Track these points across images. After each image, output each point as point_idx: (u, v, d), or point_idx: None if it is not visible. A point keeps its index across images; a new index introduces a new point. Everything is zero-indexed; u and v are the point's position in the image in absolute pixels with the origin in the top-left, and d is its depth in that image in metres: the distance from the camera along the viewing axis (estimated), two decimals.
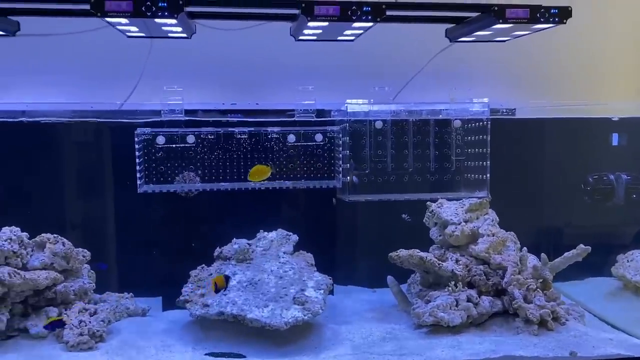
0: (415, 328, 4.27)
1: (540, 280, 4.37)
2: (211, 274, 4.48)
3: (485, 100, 3.64)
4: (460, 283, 4.32)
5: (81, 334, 3.87)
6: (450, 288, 4.29)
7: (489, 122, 3.62)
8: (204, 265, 4.56)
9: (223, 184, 3.83)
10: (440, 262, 4.46)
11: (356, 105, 3.50)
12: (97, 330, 3.96)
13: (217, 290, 3.91)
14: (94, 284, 4.28)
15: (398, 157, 3.85)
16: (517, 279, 4.27)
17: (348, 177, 3.57)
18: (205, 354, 3.93)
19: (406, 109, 3.62)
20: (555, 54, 4.54)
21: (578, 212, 5.33)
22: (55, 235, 4.20)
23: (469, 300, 4.24)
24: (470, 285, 4.39)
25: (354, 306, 4.84)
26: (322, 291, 4.23)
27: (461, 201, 4.68)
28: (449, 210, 4.66)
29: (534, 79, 4.81)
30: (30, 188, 4.52)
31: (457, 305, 4.21)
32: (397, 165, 3.87)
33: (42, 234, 4.18)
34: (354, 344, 4.04)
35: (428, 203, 4.76)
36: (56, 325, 3.88)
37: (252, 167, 3.77)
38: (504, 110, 4.37)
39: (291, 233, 4.80)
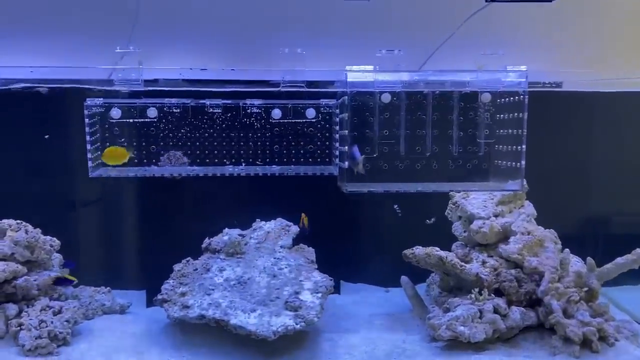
0: (430, 340, 3.61)
1: (585, 289, 3.62)
2: (196, 269, 3.92)
3: (523, 68, 2.88)
4: (486, 290, 3.61)
5: (40, 337, 3.37)
6: (473, 296, 3.60)
7: (526, 97, 2.87)
8: (189, 258, 3.99)
9: (192, 168, 3.20)
10: (463, 263, 3.76)
11: (358, 74, 2.80)
12: (60, 333, 3.46)
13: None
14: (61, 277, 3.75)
15: (412, 139, 3.13)
16: (556, 287, 3.54)
17: (346, 163, 2.88)
18: None
19: (422, 78, 2.89)
20: (609, 18, 3.68)
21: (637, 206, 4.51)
22: (19, 221, 3.69)
23: (495, 311, 3.54)
24: (499, 292, 3.68)
25: (361, 309, 4.20)
26: (319, 295, 3.61)
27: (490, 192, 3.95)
28: (476, 202, 3.94)
29: (581, 47, 3.97)
30: None
31: (480, 317, 3.51)
32: (410, 149, 3.15)
33: (3, 220, 3.68)
34: None
35: (451, 193, 4.06)
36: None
37: (228, 147, 3.12)
38: (547, 83, 3.60)
39: (291, 224, 4.18)
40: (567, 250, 3.80)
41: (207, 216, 4.32)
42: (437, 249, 3.83)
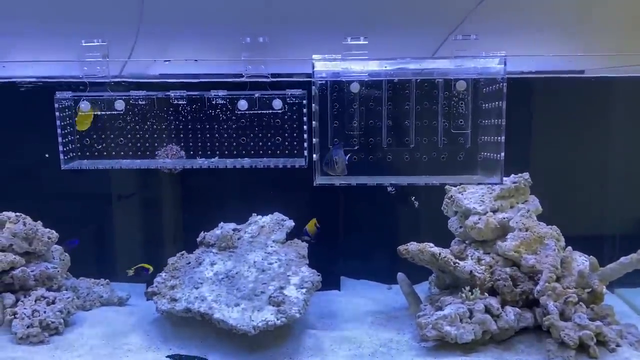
0: (420, 340, 3.47)
1: (588, 290, 3.38)
2: (189, 263, 3.94)
3: (502, 53, 2.69)
4: (478, 288, 3.44)
5: (32, 326, 3.48)
6: (464, 294, 3.43)
7: (505, 84, 2.67)
8: (184, 252, 4.01)
9: (163, 160, 3.19)
10: (457, 260, 3.60)
11: (326, 63, 2.69)
12: (52, 322, 3.56)
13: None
14: (58, 269, 3.86)
15: (395, 130, 2.99)
16: (554, 287, 3.32)
17: (314, 155, 2.78)
18: (167, 357, 3.40)
19: (393, 67, 2.75)
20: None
21: None
22: (19, 213, 3.82)
23: (487, 310, 3.36)
24: (494, 291, 3.50)
25: (357, 305, 4.10)
26: (304, 290, 3.54)
27: (490, 185, 3.75)
28: (473, 196, 3.76)
29: (597, 35, 3.69)
30: None
31: (470, 317, 3.34)
32: (395, 141, 3.01)
33: (3, 212, 3.82)
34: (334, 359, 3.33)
35: (447, 187, 3.89)
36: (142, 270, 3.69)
37: (193, 139, 3.08)
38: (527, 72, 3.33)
39: (287, 218, 4.13)
40: (569, 248, 3.56)
41: (213, 209, 4.34)
42: (432, 245, 3.68)
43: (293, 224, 4.09)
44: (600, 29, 3.62)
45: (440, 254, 3.59)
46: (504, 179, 3.42)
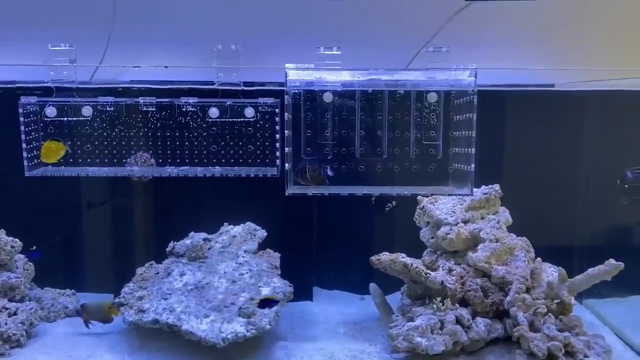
0: (392, 352, 3.45)
1: (557, 301, 3.41)
2: (158, 273, 3.86)
3: (473, 66, 2.72)
4: (449, 299, 3.44)
5: None
6: (435, 305, 3.43)
7: (475, 96, 2.70)
8: (152, 262, 3.93)
9: (131, 169, 3.13)
10: (428, 271, 3.60)
11: (299, 72, 2.67)
12: (14, 334, 3.44)
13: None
14: (22, 279, 3.73)
15: (368, 140, 2.99)
16: (523, 298, 3.34)
17: (287, 164, 2.76)
18: None
19: (366, 78, 2.75)
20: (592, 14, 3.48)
21: (625, 213, 4.24)
22: None
23: (458, 321, 3.37)
24: (465, 302, 3.51)
25: (329, 316, 4.07)
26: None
27: (462, 196, 3.78)
28: (445, 207, 3.77)
29: (569, 46, 3.76)
30: None
31: (441, 328, 3.34)
32: (368, 151, 3.00)
33: None
34: None
35: (419, 198, 3.90)
36: (269, 303, 3.42)
37: (162, 147, 3.04)
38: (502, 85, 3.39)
39: (259, 228, 4.08)
40: (539, 259, 3.60)
41: (184, 219, 4.27)
42: (404, 255, 3.68)
43: (265, 234, 4.05)
44: (570, 44, 3.70)
45: (412, 264, 3.59)
46: (475, 190, 3.45)
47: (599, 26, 3.49)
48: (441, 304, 3.42)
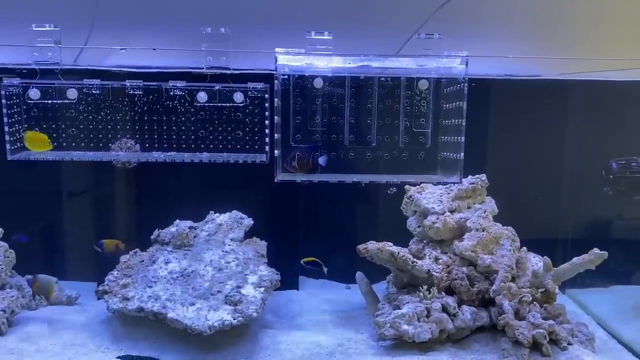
0: (378, 339, 3.46)
1: (542, 290, 3.45)
2: (142, 261, 3.82)
3: (464, 53, 2.72)
4: (436, 288, 3.46)
5: None
6: (422, 293, 3.45)
7: (466, 85, 2.70)
8: (137, 249, 3.89)
9: (117, 153, 3.07)
10: (415, 259, 3.61)
11: (289, 57, 2.64)
12: None
13: None
14: (3, 266, 3.67)
15: (358, 128, 2.97)
16: (509, 287, 3.37)
17: (276, 151, 2.73)
18: (117, 357, 3.27)
19: (356, 64, 2.73)
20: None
21: (608, 204, 4.29)
22: None
23: (444, 309, 3.39)
24: (451, 290, 3.52)
25: (316, 305, 4.07)
26: (262, 289, 3.48)
27: (448, 186, 3.79)
28: (431, 196, 3.78)
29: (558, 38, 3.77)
30: None
31: (427, 316, 3.36)
32: (357, 139, 2.99)
33: None
34: (291, 358, 3.28)
35: (406, 187, 3.90)
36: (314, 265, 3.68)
37: (149, 132, 2.99)
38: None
39: (245, 216, 4.06)
40: (524, 248, 3.63)
41: (169, 206, 4.22)
42: (390, 244, 3.68)
43: (252, 222, 4.02)
44: (559, 35, 3.71)
45: (398, 253, 3.60)
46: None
47: (589, 16, 3.50)
48: (427, 292, 3.44)
